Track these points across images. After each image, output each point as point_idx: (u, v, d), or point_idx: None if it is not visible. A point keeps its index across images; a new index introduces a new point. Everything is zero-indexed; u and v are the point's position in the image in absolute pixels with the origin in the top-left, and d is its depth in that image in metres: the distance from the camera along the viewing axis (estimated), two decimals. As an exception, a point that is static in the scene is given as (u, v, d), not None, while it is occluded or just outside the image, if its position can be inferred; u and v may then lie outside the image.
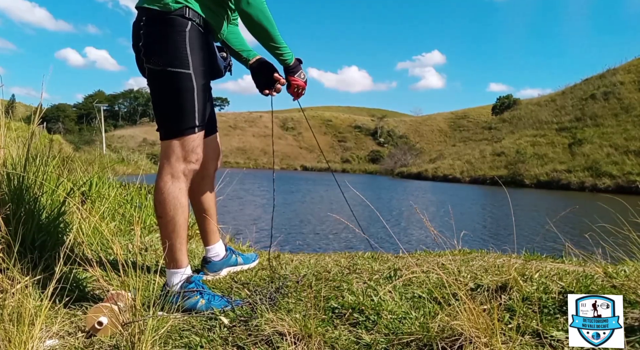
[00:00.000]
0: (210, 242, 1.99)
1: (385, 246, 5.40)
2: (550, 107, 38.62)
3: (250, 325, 1.40)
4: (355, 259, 2.11)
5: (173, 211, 1.55)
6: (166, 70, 1.48)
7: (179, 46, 1.47)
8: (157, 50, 1.49)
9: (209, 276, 1.98)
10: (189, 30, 1.48)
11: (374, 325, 1.36)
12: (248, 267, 2.10)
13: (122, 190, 3.68)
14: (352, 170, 56.16)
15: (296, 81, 1.73)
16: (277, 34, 1.58)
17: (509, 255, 2.06)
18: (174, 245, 1.56)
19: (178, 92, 1.50)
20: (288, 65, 1.69)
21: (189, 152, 1.54)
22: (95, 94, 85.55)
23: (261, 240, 3.34)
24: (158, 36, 1.49)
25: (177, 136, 1.53)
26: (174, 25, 1.47)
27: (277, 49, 1.61)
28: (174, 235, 1.56)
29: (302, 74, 1.74)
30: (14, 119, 2.96)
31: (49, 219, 2.07)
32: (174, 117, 1.52)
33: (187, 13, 1.48)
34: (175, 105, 1.51)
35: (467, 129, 60.69)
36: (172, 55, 1.47)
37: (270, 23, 1.56)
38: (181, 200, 1.56)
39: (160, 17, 1.48)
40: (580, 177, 26.55)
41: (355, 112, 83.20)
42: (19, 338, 1.18)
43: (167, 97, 1.52)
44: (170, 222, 1.55)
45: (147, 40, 1.50)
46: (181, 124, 1.52)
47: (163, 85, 1.52)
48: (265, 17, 1.54)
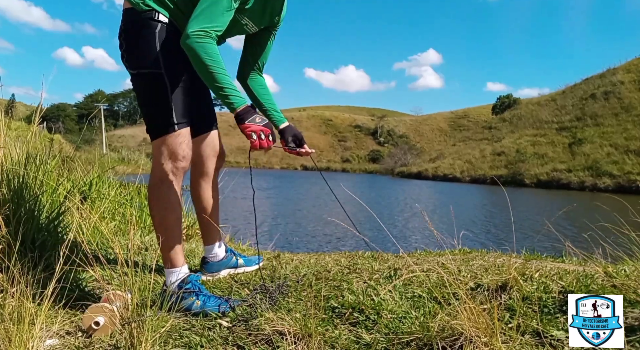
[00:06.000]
0: (208, 242, 1.96)
1: (384, 246, 5.40)
2: (550, 107, 38.60)
3: (250, 324, 1.40)
4: (355, 259, 2.11)
5: (163, 211, 1.57)
6: (140, 72, 1.52)
7: (150, 46, 1.49)
8: (132, 53, 1.53)
9: (206, 276, 1.95)
10: (159, 31, 1.50)
11: (374, 325, 1.36)
12: (250, 269, 2.03)
13: (122, 190, 3.68)
14: (352, 170, 56.16)
15: (248, 127, 1.43)
16: (221, 75, 1.42)
17: (509, 254, 2.06)
18: (167, 245, 1.58)
19: (152, 92, 1.53)
20: (234, 110, 1.44)
21: (173, 151, 1.55)
22: (95, 93, 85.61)
23: (260, 242, 3.34)
24: (132, 39, 1.52)
25: (158, 136, 1.55)
26: (144, 26, 1.50)
27: (220, 90, 1.43)
28: (166, 234, 1.57)
29: (257, 118, 1.46)
30: (14, 119, 2.96)
31: (49, 219, 2.07)
32: (152, 117, 1.55)
33: (155, 16, 1.50)
34: (152, 105, 1.55)
35: (467, 129, 60.65)
36: (143, 56, 1.50)
37: (213, 61, 1.41)
38: (170, 200, 1.57)
39: (132, 17, 1.52)
40: (581, 176, 26.56)
41: (355, 112, 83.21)
42: (19, 338, 1.18)
43: (144, 98, 1.56)
44: (161, 222, 1.58)
45: (124, 44, 1.54)
46: (159, 123, 1.54)
47: (139, 87, 1.56)
48: (207, 54, 1.40)
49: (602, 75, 37.35)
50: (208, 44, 1.42)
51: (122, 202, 3.37)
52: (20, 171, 1.96)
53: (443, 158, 42.39)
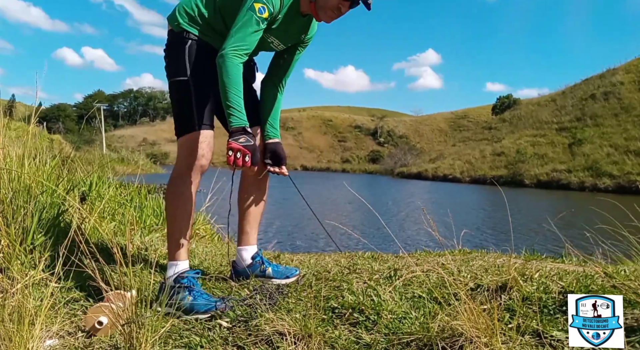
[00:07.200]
0: (239, 244, 1.93)
1: (385, 246, 5.39)
2: (550, 107, 38.61)
3: (250, 325, 1.40)
4: (355, 259, 2.11)
5: (175, 203, 1.69)
6: (172, 80, 1.74)
7: (180, 59, 1.72)
8: (168, 64, 1.76)
9: (235, 282, 1.85)
10: (189, 47, 1.72)
11: (374, 325, 1.36)
12: (278, 282, 1.82)
13: (122, 190, 3.68)
14: (352, 170, 56.16)
15: (230, 144, 1.58)
16: (232, 94, 1.60)
17: (509, 255, 2.06)
18: (172, 238, 1.68)
19: (180, 96, 1.72)
20: (231, 128, 1.61)
21: (193, 149, 1.67)
22: (95, 93, 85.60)
23: (260, 242, 3.33)
24: (169, 52, 1.77)
25: (182, 134, 1.70)
26: (178, 43, 1.74)
27: (227, 108, 1.61)
28: (173, 227, 1.68)
29: (242, 138, 1.59)
30: (14, 119, 2.96)
31: (49, 219, 2.07)
32: (178, 118, 1.73)
33: (187, 35, 1.73)
34: (178, 108, 1.73)
35: (467, 129, 60.65)
36: (175, 67, 1.72)
37: (230, 80, 1.59)
38: (183, 194, 1.68)
39: (171, 36, 1.77)
40: (581, 177, 26.55)
41: (355, 112, 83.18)
42: (20, 338, 1.18)
43: (174, 102, 1.76)
44: (171, 216, 1.70)
45: (166, 58, 1.78)
46: (182, 124, 1.71)
47: (171, 93, 1.76)
48: (227, 73, 1.60)
49: (602, 76, 37.37)
50: (232, 64, 1.61)
51: (122, 202, 3.38)
52: (20, 171, 1.96)
53: (443, 158, 42.39)
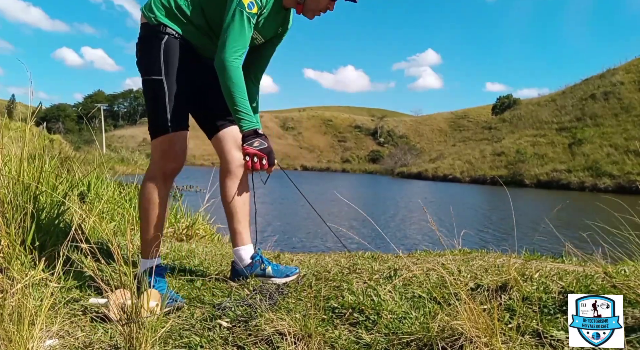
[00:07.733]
0: (233, 246, 1.90)
1: (385, 246, 5.39)
2: (550, 107, 38.64)
3: (250, 325, 1.40)
4: (355, 259, 2.11)
5: (145, 206, 1.70)
6: (145, 78, 1.69)
7: (155, 56, 1.65)
8: (141, 61, 1.71)
9: (235, 283, 1.81)
10: (165, 42, 1.65)
11: (374, 325, 1.36)
12: (279, 281, 1.80)
13: (121, 190, 3.68)
14: (352, 170, 56.18)
15: (246, 149, 1.62)
16: (239, 98, 1.60)
17: (509, 255, 2.05)
18: (144, 238, 1.72)
19: (153, 96, 1.68)
20: (242, 132, 1.64)
21: (165, 150, 1.67)
22: (95, 93, 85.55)
23: (260, 242, 3.33)
24: (142, 48, 1.71)
25: (154, 137, 1.69)
26: (153, 38, 1.67)
27: (236, 112, 1.62)
28: (145, 228, 1.71)
29: (256, 142, 1.62)
30: (14, 119, 2.96)
31: (49, 219, 2.07)
32: (151, 119, 1.70)
33: (164, 29, 1.66)
34: (152, 108, 1.69)
35: (467, 129, 60.68)
36: (149, 64, 1.66)
37: (235, 85, 1.59)
38: (152, 197, 1.68)
39: (145, 30, 1.70)
40: (581, 177, 26.57)
41: (355, 112, 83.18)
42: (19, 338, 1.18)
43: (147, 101, 1.72)
44: (143, 216, 1.72)
45: (138, 53, 1.72)
46: (155, 126, 1.68)
47: (145, 92, 1.72)
48: (232, 78, 1.59)
49: (602, 76, 37.39)
50: (233, 68, 1.59)
51: (121, 202, 3.37)
52: (20, 171, 1.96)
53: (443, 158, 42.42)
